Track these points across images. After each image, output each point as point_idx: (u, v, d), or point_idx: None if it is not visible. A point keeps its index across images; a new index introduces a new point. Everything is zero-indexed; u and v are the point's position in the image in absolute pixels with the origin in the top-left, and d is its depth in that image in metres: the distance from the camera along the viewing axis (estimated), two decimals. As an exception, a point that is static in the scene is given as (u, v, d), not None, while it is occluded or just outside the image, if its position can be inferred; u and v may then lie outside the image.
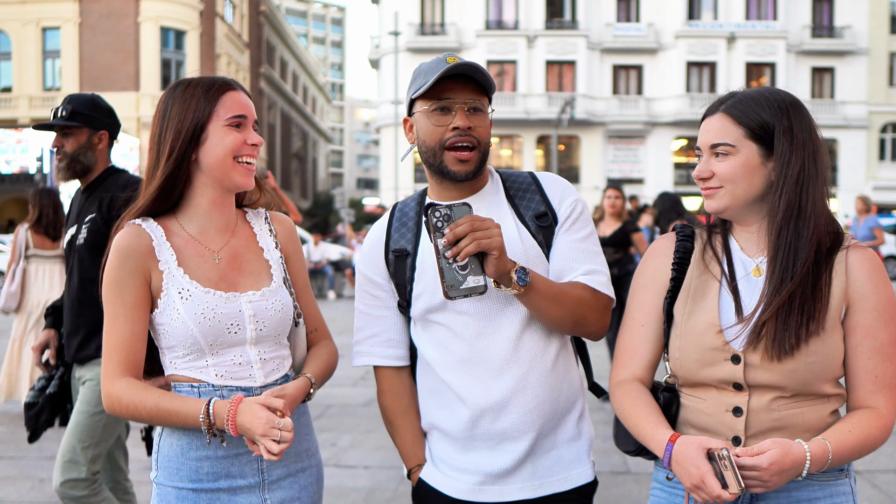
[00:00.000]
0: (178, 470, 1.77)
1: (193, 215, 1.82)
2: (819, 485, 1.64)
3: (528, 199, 1.89)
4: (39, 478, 4.90)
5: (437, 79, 1.77)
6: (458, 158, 1.80)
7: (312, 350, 1.96)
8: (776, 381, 1.60)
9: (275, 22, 45.37)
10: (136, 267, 1.74)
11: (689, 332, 1.67)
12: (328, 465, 5.13)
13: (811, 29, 36.93)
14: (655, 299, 1.76)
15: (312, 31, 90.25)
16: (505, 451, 1.83)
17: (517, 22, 36.71)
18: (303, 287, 1.95)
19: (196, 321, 1.72)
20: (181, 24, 30.96)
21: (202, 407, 1.66)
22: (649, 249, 1.83)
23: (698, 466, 1.49)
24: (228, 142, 1.76)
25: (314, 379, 1.85)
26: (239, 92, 1.82)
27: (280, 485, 1.83)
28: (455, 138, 1.79)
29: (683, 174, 37.52)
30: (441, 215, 1.64)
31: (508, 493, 1.84)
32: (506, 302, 1.81)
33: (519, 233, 1.84)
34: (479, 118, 1.81)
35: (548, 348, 1.84)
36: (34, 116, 29.35)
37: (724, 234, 1.75)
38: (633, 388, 1.73)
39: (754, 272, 1.68)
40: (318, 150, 63.27)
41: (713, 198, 1.68)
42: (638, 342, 1.77)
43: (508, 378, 1.80)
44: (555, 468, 1.87)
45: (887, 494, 4.49)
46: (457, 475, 1.87)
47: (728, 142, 1.65)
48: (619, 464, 5.01)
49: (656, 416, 1.65)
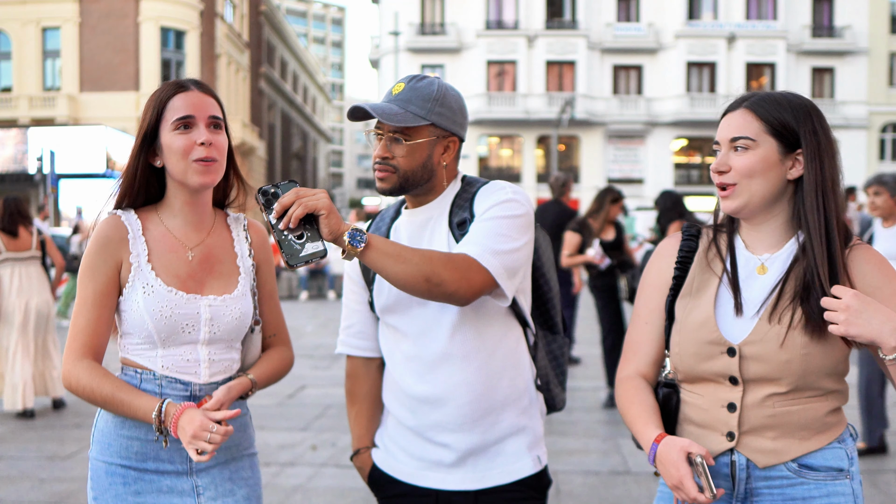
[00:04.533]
0: (109, 445, 1.86)
1: (171, 212, 1.91)
2: (815, 483, 1.64)
3: (460, 207, 1.98)
4: (39, 478, 4.91)
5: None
6: (378, 177, 1.96)
7: (266, 353, 2.04)
8: (771, 373, 1.61)
9: (275, 22, 45.35)
10: (109, 256, 1.83)
11: (687, 326, 1.70)
12: (328, 465, 5.14)
13: (811, 29, 36.93)
14: (659, 297, 1.79)
15: (312, 31, 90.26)
16: (444, 444, 1.96)
17: (517, 22, 36.71)
18: (269, 295, 2.04)
19: (153, 317, 1.80)
20: (181, 24, 30.94)
21: (156, 406, 1.75)
22: (657, 249, 1.86)
23: (678, 468, 1.55)
24: (176, 146, 1.81)
25: (256, 380, 1.94)
26: (190, 92, 1.84)
27: (209, 472, 1.90)
28: (375, 166, 1.95)
29: (683, 174, 37.55)
30: (271, 194, 1.73)
31: (451, 482, 1.97)
32: (439, 305, 1.92)
33: (448, 240, 1.95)
34: (395, 147, 1.92)
35: (482, 347, 1.94)
36: (34, 116, 29.37)
37: (730, 232, 1.77)
38: (633, 385, 1.77)
39: (759, 269, 1.70)
40: (318, 150, 63.26)
41: (729, 197, 1.68)
42: (642, 339, 1.81)
43: (442, 373, 1.94)
44: (497, 461, 1.98)
45: (887, 495, 4.49)
46: (405, 459, 2.03)
47: (748, 135, 1.66)
48: (619, 464, 5.01)
49: (648, 415, 1.69)
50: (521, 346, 2.03)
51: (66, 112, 29.23)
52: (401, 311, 1.98)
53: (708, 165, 14.17)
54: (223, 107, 1.92)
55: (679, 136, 37.30)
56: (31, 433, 6.08)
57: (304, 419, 6.35)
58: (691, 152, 38.25)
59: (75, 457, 5.38)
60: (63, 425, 6.32)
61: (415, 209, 2.02)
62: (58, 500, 4.50)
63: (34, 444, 5.77)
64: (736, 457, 1.66)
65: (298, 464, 5.17)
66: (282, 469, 5.03)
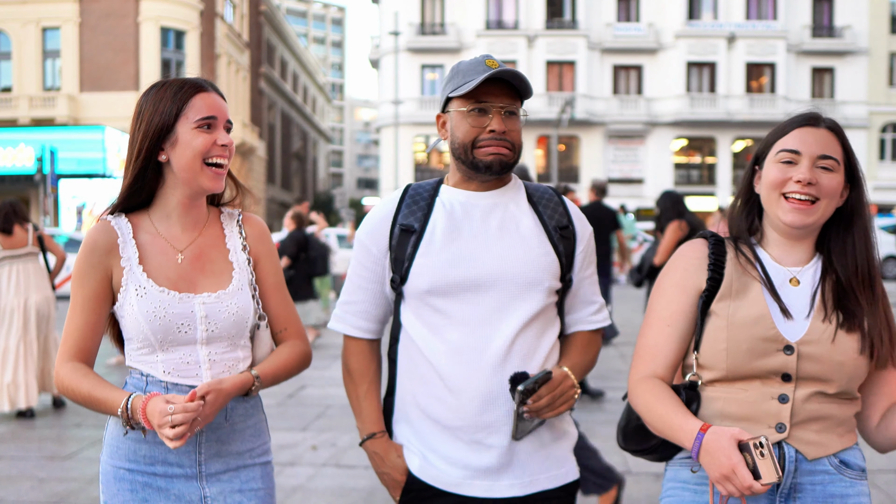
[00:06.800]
0: (117, 449, 1.85)
1: (163, 213, 1.88)
2: (850, 482, 1.70)
3: (552, 210, 1.95)
4: (39, 478, 4.91)
5: (480, 82, 1.81)
6: (493, 152, 1.85)
7: (276, 349, 1.97)
8: (824, 373, 1.66)
9: (275, 22, 45.34)
10: (98, 262, 1.83)
11: (738, 323, 1.69)
12: (328, 465, 5.14)
13: (811, 29, 36.92)
14: (684, 300, 1.76)
15: (312, 31, 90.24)
16: (494, 446, 1.84)
17: (517, 22, 36.71)
18: (273, 289, 1.96)
19: (147, 318, 1.79)
20: (181, 24, 30.93)
21: (122, 401, 1.73)
22: (679, 252, 1.84)
23: (730, 457, 1.50)
24: (197, 143, 1.79)
25: (260, 376, 1.86)
26: (210, 93, 1.84)
27: (219, 478, 1.86)
28: (490, 140, 1.84)
29: (683, 174, 37.53)
30: (528, 393, 1.79)
31: (499, 489, 1.85)
32: (512, 296, 1.84)
33: (538, 233, 1.90)
34: (512, 122, 1.86)
35: (538, 348, 1.87)
36: (34, 116, 29.36)
37: (751, 244, 1.79)
38: (656, 384, 1.74)
39: (792, 282, 1.74)
40: (318, 150, 63.26)
41: (808, 212, 1.70)
42: (663, 342, 1.77)
43: (503, 371, 1.82)
44: (545, 465, 1.89)
45: (887, 494, 4.50)
46: (447, 467, 1.87)
47: (836, 157, 1.71)
48: (618, 464, 5.01)
49: (683, 409, 1.67)
50: (558, 350, 1.96)
51: (66, 112, 29.21)
52: (458, 294, 1.84)
53: (708, 165, 14.20)
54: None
55: (679, 136, 37.29)
56: (31, 433, 6.08)
57: (304, 419, 6.35)
58: (691, 152, 38.24)
59: (75, 457, 5.38)
60: (63, 425, 6.32)
61: (479, 192, 1.92)
62: (58, 500, 4.50)
63: (34, 444, 5.77)
64: (786, 448, 1.67)
65: (298, 464, 5.17)
66: (282, 469, 5.03)
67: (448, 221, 1.89)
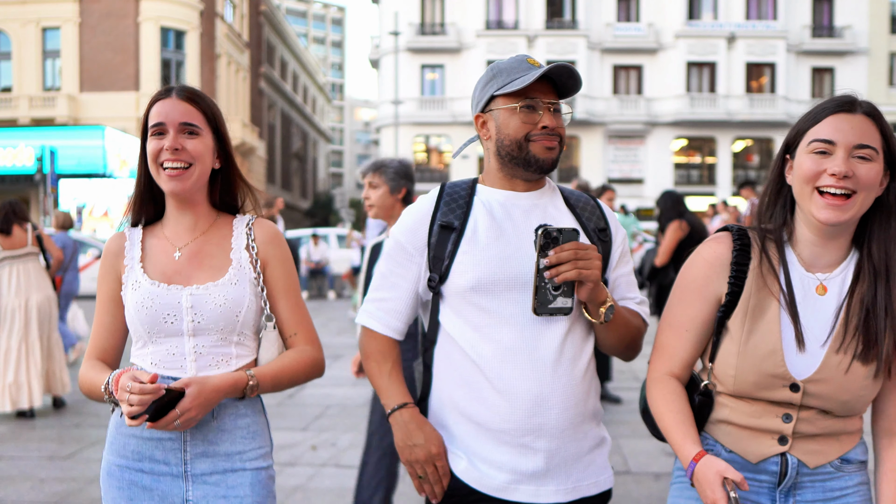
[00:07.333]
0: (112, 443, 1.90)
1: (168, 220, 1.97)
2: (849, 475, 1.72)
3: (589, 213, 1.98)
4: (39, 478, 4.91)
5: (534, 79, 1.83)
6: (546, 146, 1.87)
7: (283, 353, 1.93)
8: (829, 406, 1.66)
9: (275, 22, 45.34)
10: (110, 266, 1.95)
11: (748, 353, 1.66)
12: (328, 465, 5.14)
13: (811, 29, 36.93)
14: (704, 307, 1.73)
15: (312, 31, 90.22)
16: (541, 450, 1.81)
17: (517, 22, 36.71)
18: (284, 291, 1.93)
19: (136, 309, 1.85)
20: (181, 24, 30.93)
21: (105, 379, 1.81)
22: (702, 251, 1.76)
23: (714, 491, 1.56)
24: (149, 149, 1.88)
25: (256, 377, 1.83)
26: (167, 100, 1.88)
27: (205, 480, 1.84)
28: (542, 136, 1.86)
29: (683, 174, 37.53)
30: (550, 238, 1.71)
31: (544, 494, 1.83)
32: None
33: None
34: (558, 118, 1.89)
35: (583, 352, 1.88)
36: (34, 116, 29.35)
37: (779, 242, 1.69)
38: (669, 389, 1.75)
39: (819, 290, 1.66)
40: (318, 150, 63.24)
41: (844, 208, 1.57)
42: (681, 345, 1.76)
43: (553, 374, 1.80)
44: (587, 472, 1.88)
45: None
46: (492, 471, 1.83)
47: (874, 146, 1.57)
48: (618, 464, 5.01)
49: (686, 427, 1.69)
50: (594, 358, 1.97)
51: (66, 112, 29.21)
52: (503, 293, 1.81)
53: (708, 165, 14.19)
54: (213, 112, 1.91)
55: (679, 136, 37.28)
56: (31, 433, 6.09)
57: (304, 419, 6.35)
58: (691, 152, 38.24)
59: (75, 457, 5.38)
60: (63, 425, 6.32)
61: (519, 192, 1.92)
62: (58, 500, 4.50)
63: (34, 444, 5.77)
64: (788, 458, 1.69)
65: (298, 464, 5.17)
66: (282, 469, 5.03)
67: (490, 220, 1.89)
